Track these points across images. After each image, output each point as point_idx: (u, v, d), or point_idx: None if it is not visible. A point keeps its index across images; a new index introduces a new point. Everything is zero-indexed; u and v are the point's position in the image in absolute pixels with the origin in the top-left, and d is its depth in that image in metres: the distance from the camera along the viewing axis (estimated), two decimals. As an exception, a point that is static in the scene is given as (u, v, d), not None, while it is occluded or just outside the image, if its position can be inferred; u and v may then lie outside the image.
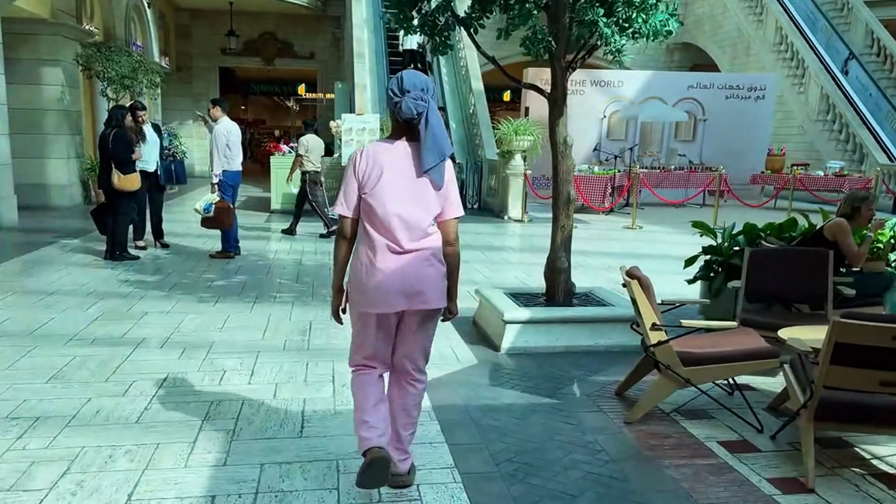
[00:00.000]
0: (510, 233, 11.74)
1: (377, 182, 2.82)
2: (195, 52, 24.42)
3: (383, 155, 2.85)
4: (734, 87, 17.56)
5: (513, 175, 13.32)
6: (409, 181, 2.83)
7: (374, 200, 2.82)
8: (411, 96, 2.79)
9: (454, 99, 18.25)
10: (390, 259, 2.83)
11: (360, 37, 18.44)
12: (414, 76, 2.85)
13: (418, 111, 2.79)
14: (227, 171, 8.75)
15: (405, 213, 2.81)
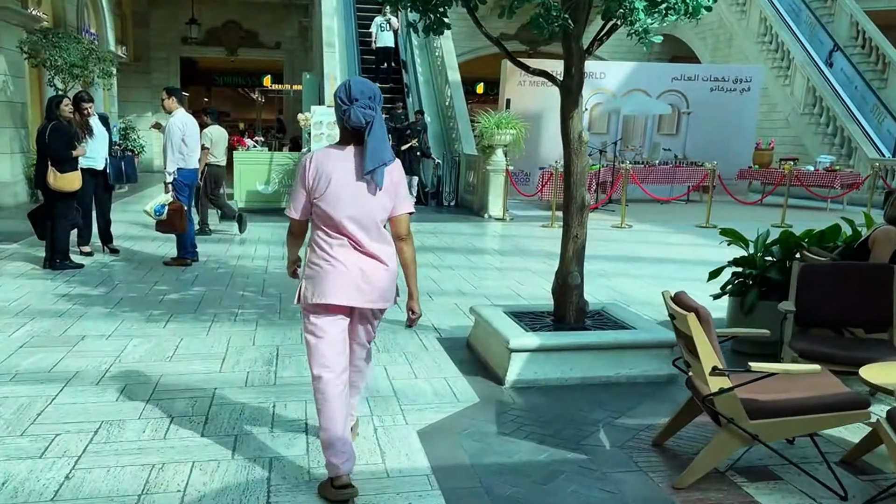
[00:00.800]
0: (493, 233, 10.95)
1: (326, 188, 2.90)
2: (154, 42, 23.25)
3: (332, 161, 2.93)
4: (719, 78, 16.97)
5: (494, 171, 12.53)
6: (358, 185, 2.91)
7: (325, 205, 2.92)
8: (359, 105, 2.88)
9: (428, 90, 17.40)
10: (350, 255, 2.94)
11: (330, 25, 17.47)
12: (362, 84, 2.94)
13: (366, 120, 2.87)
14: (183, 170, 7.83)
15: (357, 215, 2.91)
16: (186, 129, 7.80)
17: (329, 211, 2.91)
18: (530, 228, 11.21)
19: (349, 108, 2.88)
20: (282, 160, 12.99)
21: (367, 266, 2.95)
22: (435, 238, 10.12)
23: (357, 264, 2.94)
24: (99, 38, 18.51)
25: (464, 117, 15.67)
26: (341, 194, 2.90)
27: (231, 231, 10.22)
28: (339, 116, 2.94)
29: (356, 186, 2.91)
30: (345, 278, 2.93)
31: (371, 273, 2.96)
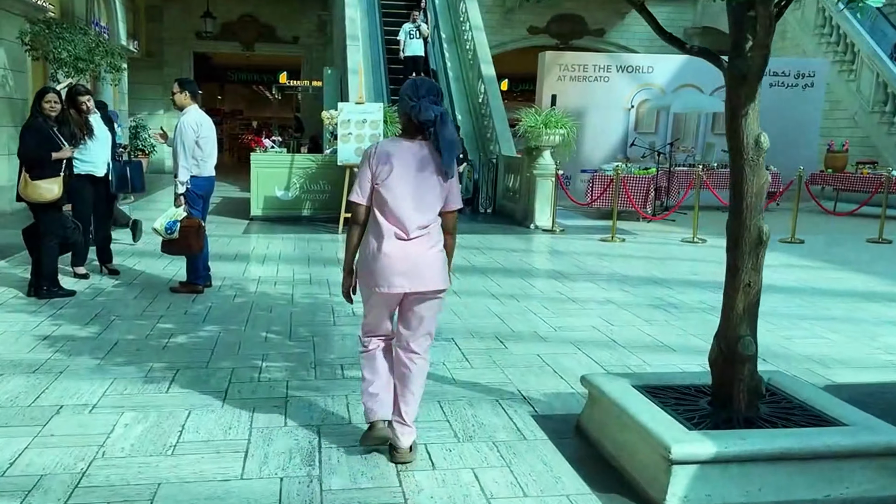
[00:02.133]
0: (547, 249, 9.53)
1: (388, 175, 3.09)
2: (167, 36, 21.97)
3: (397, 151, 3.13)
4: (779, 73, 15.45)
5: (540, 176, 11.12)
6: (417, 176, 3.11)
7: (385, 191, 3.09)
8: (428, 100, 3.08)
9: (459, 87, 15.99)
10: (395, 245, 3.09)
11: (353, 17, 16.11)
12: (427, 82, 3.20)
13: (436, 113, 3.07)
14: (197, 178, 6.50)
15: (413, 205, 3.10)
16: (201, 129, 6.46)
17: (389, 198, 3.09)
18: (588, 243, 9.78)
19: (418, 103, 3.07)
20: (303, 163, 11.64)
21: (418, 253, 3.11)
22: (483, 256, 8.73)
23: (407, 250, 3.10)
24: (110, 32, 17.24)
25: (500, 115, 14.26)
26: (403, 183, 3.09)
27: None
28: (406, 111, 3.12)
29: (417, 177, 3.10)
30: (397, 265, 3.09)
31: (422, 259, 3.12)
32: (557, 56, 15.93)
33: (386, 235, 3.09)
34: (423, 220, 3.12)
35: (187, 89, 6.50)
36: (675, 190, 12.73)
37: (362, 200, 3.16)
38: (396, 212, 3.09)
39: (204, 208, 6.75)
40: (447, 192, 3.17)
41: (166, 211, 6.51)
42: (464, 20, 16.99)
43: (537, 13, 23.07)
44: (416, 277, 3.11)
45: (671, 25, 23.68)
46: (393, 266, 3.09)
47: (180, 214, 6.41)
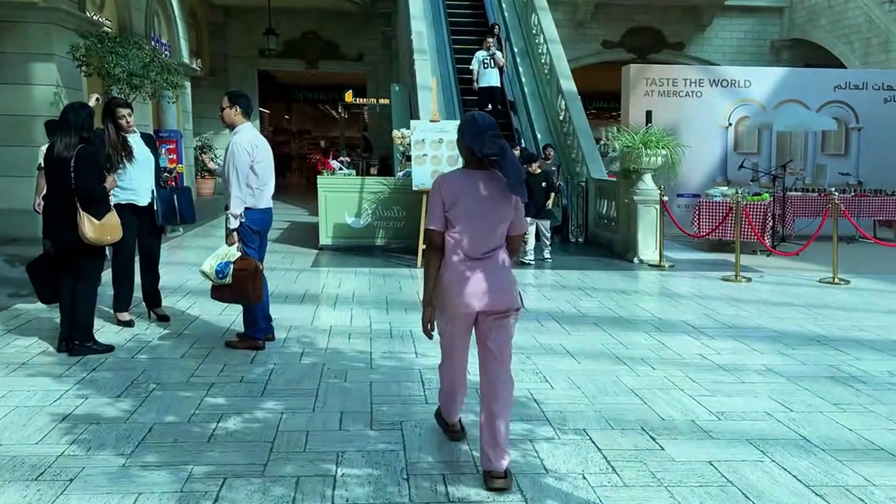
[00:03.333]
0: (661, 290, 8.01)
1: (456, 204, 3.23)
2: (231, 54, 21.30)
3: (462, 182, 3.29)
4: (894, 87, 13.69)
5: (642, 202, 9.66)
6: (484, 204, 3.25)
7: (456, 220, 3.25)
8: (490, 135, 3.21)
9: (536, 104, 14.66)
10: (467, 267, 3.24)
11: (420, 30, 14.96)
12: (485, 117, 3.34)
13: (499, 146, 3.20)
14: (253, 211, 5.32)
15: (481, 230, 3.25)
16: (257, 151, 5.29)
17: (458, 224, 3.25)
18: (708, 283, 8.28)
19: (480, 138, 3.21)
20: (374, 187, 10.45)
21: (490, 273, 3.26)
22: (590, 299, 7.34)
23: (481, 272, 3.25)
24: (172, 49, 16.50)
25: (586, 134, 12.89)
26: (471, 211, 3.24)
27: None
28: (468, 146, 3.26)
29: (483, 205, 3.25)
30: (471, 286, 3.23)
31: (494, 279, 3.26)
32: (643, 69, 14.45)
33: (458, 259, 3.26)
34: (491, 244, 3.29)
35: (238, 104, 5.33)
36: (789, 218, 11.11)
37: (439, 227, 3.29)
38: (467, 238, 3.25)
39: (261, 246, 5.56)
40: (513, 218, 3.33)
41: (217, 250, 5.33)
42: (536, 32, 15.69)
43: (611, 26, 21.66)
44: (488, 297, 3.24)
45: (757, 39, 21.97)
46: (466, 287, 3.23)
47: (233, 254, 5.23)
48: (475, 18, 16.92)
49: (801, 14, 21.18)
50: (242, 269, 5.20)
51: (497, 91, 13.39)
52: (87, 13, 11.80)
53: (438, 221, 3.28)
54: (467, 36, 16.16)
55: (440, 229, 3.29)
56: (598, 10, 21.10)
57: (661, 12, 21.50)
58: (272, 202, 5.53)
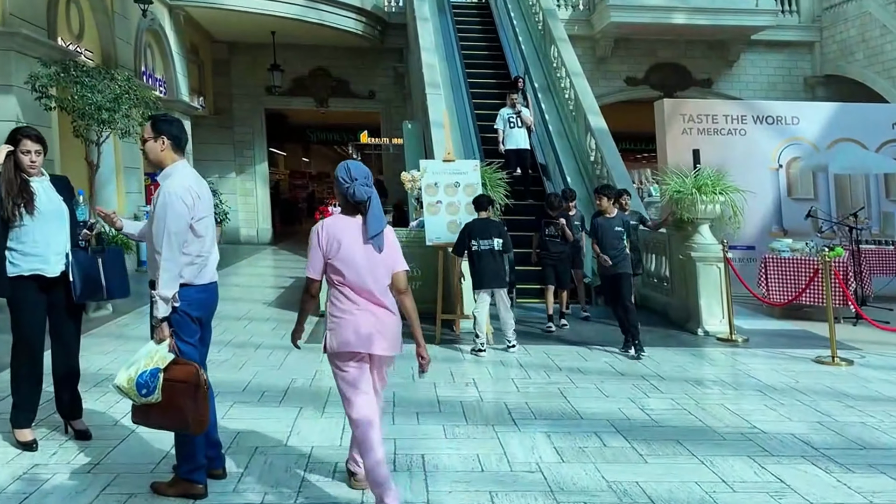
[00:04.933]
0: (745, 380, 5.97)
1: (338, 250, 3.31)
2: (236, 92, 19.70)
3: (341, 227, 3.36)
4: None
5: (702, 260, 7.78)
6: (364, 247, 3.33)
7: (339, 264, 3.31)
8: (360, 183, 3.32)
9: (563, 143, 12.89)
10: (365, 307, 3.33)
11: (431, 63, 13.32)
12: (359, 165, 3.40)
13: (367, 195, 3.33)
14: (191, 289, 3.49)
15: (365, 273, 3.32)
16: (199, 203, 3.48)
17: (342, 269, 3.31)
18: (800, 366, 6.33)
19: (352, 185, 3.32)
20: (382, 240, 8.62)
21: (380, 316, 3.35)
22: (660, 394, 5.42)
23: (371, 315, 3.33)
24: (168, 86, 14.91)
25: (622, 176, 11.07)
26: (352, 255, 3.31)
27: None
28: (343, 192, 3.36)
29: (363, 248, 3.33)
30: (362, 328, 3.31)
31: (383, 323, 3.36)
32: (679, 104, 12.68)
33: (354, 301, 3.33)
34: (377, 287, 3.35)
35: (165, 133, 3.55)
36: (867, 277, 9.19)
37: (318, 276, 3.36)
38: (356, 281, 3.32)
39: (204, 341, 3.71)
40: (393, 255, 3.42)
41: (138, 351, 3.48)
42: (557, 66, 14.02)
43: (633, 63, 20.00)
44: (380, 340, 3.34)
45: (788, 75, 20.21)
46: (362, 328, 3.31)
47: (164, 357, 3.39)
48: (490, 51, 15.31)
49: (833, 49, 19.47)
50: (178, 379, 3.36)
51: (527, 154, 11.37)
52: (61, 41, 10.20)
53: (316, 271, 3.35)
54: (482, 69, 14.54)
55: (318, 278, 3.37)
56: (618, 45, 19.49)
57: (685, 47, 19.85)
58: (216, 274, 3.69)
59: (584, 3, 19.28)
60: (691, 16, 18.20)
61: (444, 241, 7.39)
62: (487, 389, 5.51)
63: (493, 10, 16.84)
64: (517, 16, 16.14)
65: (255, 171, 20.32)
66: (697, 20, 18.24)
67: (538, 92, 13.73)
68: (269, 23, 16.14)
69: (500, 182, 8.33)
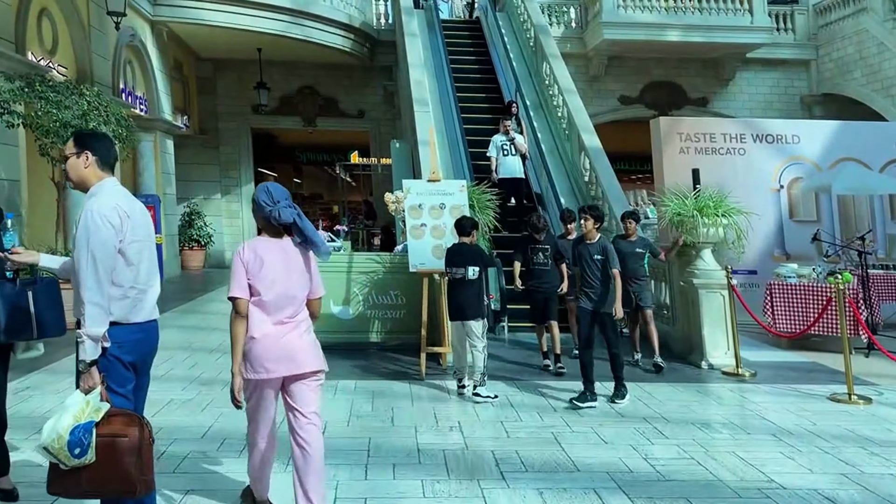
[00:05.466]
0: (756, 421, 5.48)
1: (260, 270, 3.29)
2: (222, 111, 19.27)
3: (263, 248, 3.35)
4: None
5: (704, 288, 7.30)
6: (285, 270, 3.33)
7: (259, 284, 3.28)
8: (283, 205, 3.33)
9: (556, 162, 12.46)
10: (272, 332, 3.28)
11: (419, 79, 12.92)
12: (278, 187, 3.42)
13: (293, 216, 3.32)
14: (123, 329, 2.96)
15: (284, 294, 3.31)
16: (130, 224, 2.98)
17: (261, 289, 3.28)
18: (815, 405, 5.83)
19: (275, 208, 3.32)
20: (365, 265, 8.08)
21: (294, 337, 3.33)
22: (665, 440, 4.90)
23: (285, 336, 3.30)
24: (150, 104, 14.45)
25: (618, 197, 10.67)
26: (273, 276, 3.29)
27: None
28: (266, 215, 3.34)
29: (284, 270, 3.33)
30: (277, 349, 3.27)
31: (298, 342, 3.34)
32: (675, 123, 12.27)
33: (263, 324, 3.28)
34: (294, 309, 3.36)
35: (90, 149, 3.06)
36: (875, 303, 8.73)
37: (244, 295, 3.29)
38: (270, 303, 3.29)
39: (140, 389, 3.18)
40: (311, 280, 3.44)
41: (64, 402, 2.95)
42: (550, 83, 13.63)
43: (627, 82, 19.67)
44: (293, 361, 3.31)
45: (784, 95, 19.89)
46: (272, 352, 3.26)
47: (97, 408, 2.88)
48: (481, 69, 14.91)
49: (830, 67, 19.19)
50: (118, 434, 2.85)
51: (521, 183, 10.88)
52: (31, 56, 9.73)
53: (243, 289, 3.30)
54: (473, 87, 14.13)
55: (245, 297, 3.30)
56: (611, 63, 19.17)
57: (678, 65, 19.55)
58: (156, 310, 3.17)
59: (576, 21, 18.99)
60: (685, 33, 17.92)
61: (428, 268, 6.89)
62: (474, 434, 4.97)
63: (484, 26, 16.51)
64: (508, 32, 15.80)
65: (241, 192, 19.80)
66: (691, 37, 17.96)
67: (530, 110, 13.29)
68: (253, 39, 15.74)
69: (490, 204, 7.85)
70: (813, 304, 7.92)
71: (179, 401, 5.74)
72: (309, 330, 3.41)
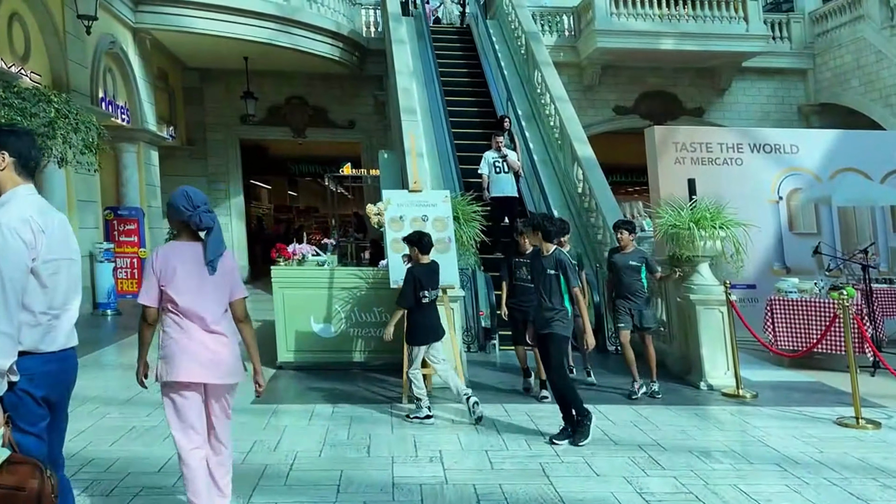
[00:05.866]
0: (758, 448, 5.14)
1: (174, 276, 3.25)
2: (209, 122, 18.92)
3: (177, 253, 3.32)
4: None
5: (702, 303, 6.98)
6: (200, 274, 3.29)
7: (173, 291, 3.25)
8: (203, 210, 3.31)
9: (548, 173, 12.17)
10: (198, 335, 3.27)
11: (407, 87, 12.66)
12: (198, 192, 3.39)
13: (213, 221, 3.33)
14: (34, 358, 2.61)
15: (201, 300, 3.27)
16: (43, 237, 2.65)
17: (175, 296, 3.25)
18: (820, 430, 5.49)
19: (195, 213, 3.28)
20: (348, 280, 7.72)
21: (213, 344, 3.29)
22: (662, 472, 4.54)
23: (204, 343, 3.27)
24: (132, 114, 14.13)
25: (612, 209, 10.36)
26: (186, 281, 3.25)
27: None
28: (185, 219, 3.31)
29: (199, 275, 3.28)
30: (195, 357, 3.25)
31: (217, 351, 3.29)
32: (671, 132, 11.96)
33: (186, 328, 3.27)
34: (212, 314, 3.30)
35: (8, 147, 2.75)
36: (879, 319, 8.43)
37: (153, 303, 3.29)
38: (189, 308, 3.26)
39: (55, 430, 2.82)
40: (231, 284, 3.39)
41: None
42: (542, 91, 13.38)
43: (622, 91, 19.42)
44: (213, 369, 3.27)
45: (782, 104, 19.65)
46: (193, 356, 3.25)
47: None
48: (472, 78, 14.65)
49: (827, 76, 18.97)
50: (11, 486, 2.50)
51: (514, 202, 10.33)
52: (1, 62, 9.41)
53: (152, 298, 3.30)
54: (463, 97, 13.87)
55: (154, 305, 3.30)
56: (605, 72, 18.92)
57: (673, 75, 19.32)
58: (75, 337, 2.83)
59: (569, 29, 18.75)
60: (680, 41, 17.70)
61: (410, 284, 6.55)
62: (455, 466, 4.61)
63: (475, 34, 16.26)
64: (499, 40, 15.55)
65: (230, 204, 19.43)
66: (686, 45, 17.73)
67: (522, 120, 13.00)
68: (240, 48, 15.43)
69: (475, 216, 7.52)
70: (816, 321, 7.61)
71: (141, 428, 5.39)
72: (231, 338, 3.38)
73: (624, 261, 6.75)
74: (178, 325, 3.27)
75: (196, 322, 3.26)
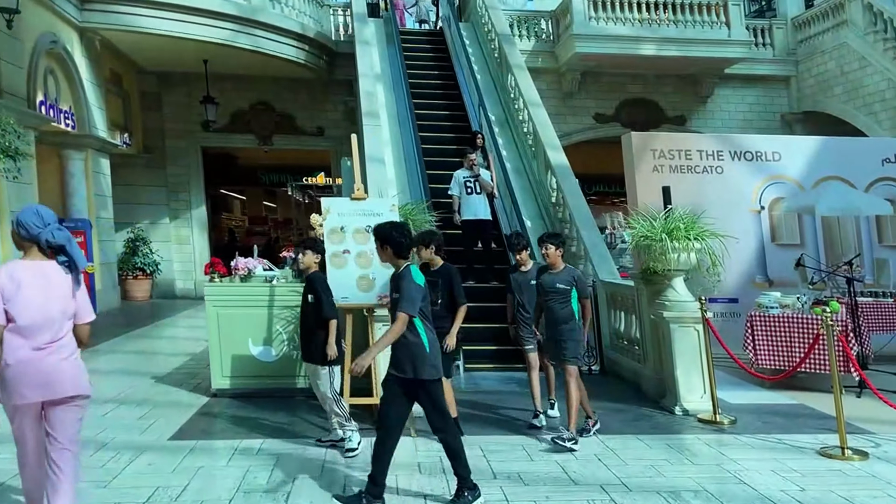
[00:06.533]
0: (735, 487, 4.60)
1: (15, 294, 3.23)
2: (168, 128, 18.31)
3: (22, 271, 3.30)
4: None
5: (677, 320, 6.50)
6: (44, 294, 3.28)
7: (14, 309, 3.23)
8: (54, 227, 3.35)
9: (522, 182, 11.72)
10: (30, 357, 3.25)
11: (370, 90, 12.20)
12: (48, 210, 3.43)
13: (67, 238, 3.37)
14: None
15: (42, 319, 3.27)
16: None
17: (15, 314, 3.24)
18: (805, 463, 4.99)
19: (45, 231, 3.32)
20: (289, 298, 7.09)
21: (53, 363, 3.29)
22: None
23: (45, 361, 3.27)
24: (78, 119, 13.52)
25: (586, 220, 9.94)
26: (29, 300, 3.25)
27: None
28: (35, 236, 3.32)
29: (43, 294, 3.28)
30: (33, 377, 3.25)
31: (56, 370, 3.30)
32: (649, 138, 11.55)
33: (19, 349, 3.24)
34: (57, 334, 3.31)
35: None
36: (865, 334, 8.02)
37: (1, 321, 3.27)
38: (28, 328, 3.25)
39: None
40: (77, 305, 3.40)
41: None
42: (515, 96, 12.95)
43: (602, 99, 19.09)
44: (49, 387, 3.28)
45: (765, 112, 19.39)
46: (26, 378, 3.24)
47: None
48: (443, 82, 14.22)
49: (811, 84, 18.75)
50: None
51: (488, 225, 9.61)
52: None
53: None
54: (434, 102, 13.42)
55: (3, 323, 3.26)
56: (585, 79, 18.59)
57: (655, 82, 19.03)
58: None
59: (547, 34, 18.41)
60: (660, 46, 17.38)
61: (352, 303, 5.99)
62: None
63: (448, 38, 15.84)
64: (472, 44, 15.15)
65: (191, 215, 18.80)
66: (667, 51, 17.42)
67: (494, 125, 12.57)
68: (198, 49, 14.89)
69: (429, 225, 7.03)
70: (798, 338, 7.16)
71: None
72: (72, 354, 3.37)
73: (551, 282, 5.71)
74: (16, 346, 3.27)
75: (35, 341, 3.28)
